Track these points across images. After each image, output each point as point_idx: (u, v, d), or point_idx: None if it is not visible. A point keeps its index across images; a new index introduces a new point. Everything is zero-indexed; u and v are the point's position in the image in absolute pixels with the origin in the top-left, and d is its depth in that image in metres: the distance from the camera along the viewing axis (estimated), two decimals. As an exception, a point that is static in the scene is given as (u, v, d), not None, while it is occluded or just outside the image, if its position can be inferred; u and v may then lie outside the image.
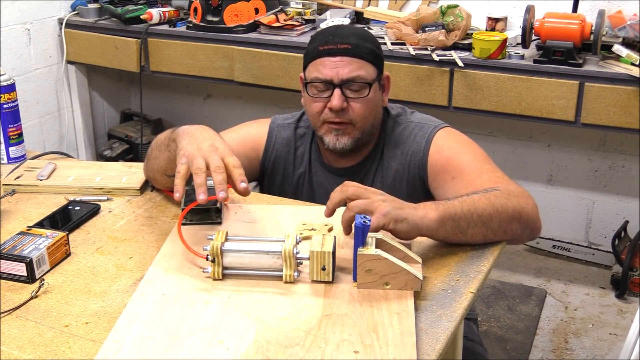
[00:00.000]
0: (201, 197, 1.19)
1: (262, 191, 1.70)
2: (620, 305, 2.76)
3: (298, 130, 1.70)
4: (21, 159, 1.73)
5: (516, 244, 1.42)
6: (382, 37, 2.78)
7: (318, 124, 1.59)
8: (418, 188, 1.58)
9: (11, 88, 1.69)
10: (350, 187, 1.26)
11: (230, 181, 1.23)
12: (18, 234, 1.30)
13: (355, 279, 1.18)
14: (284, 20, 2.95)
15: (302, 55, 1.64)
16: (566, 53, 2.47)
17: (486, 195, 1.33)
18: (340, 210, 1.26)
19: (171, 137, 1.37)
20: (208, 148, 1.25)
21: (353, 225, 1.17)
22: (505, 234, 1.34)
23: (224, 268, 1.19)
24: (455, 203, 1.30)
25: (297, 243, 1.18)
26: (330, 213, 1.27)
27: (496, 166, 1.51)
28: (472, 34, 2.67)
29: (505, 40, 2.59)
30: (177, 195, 1.22)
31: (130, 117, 3.75)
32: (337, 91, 1.53)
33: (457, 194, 1.36)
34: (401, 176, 1.60)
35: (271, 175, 1.70)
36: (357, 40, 1.55)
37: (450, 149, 1.55)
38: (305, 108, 1.63)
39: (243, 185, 1.23)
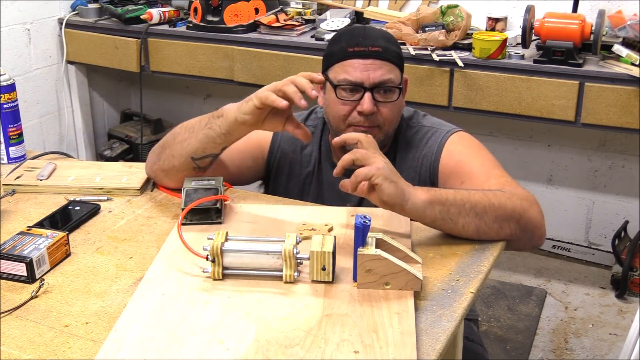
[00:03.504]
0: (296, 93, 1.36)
1: (267, 190, 1.70)
2: (620, 305, 2.76)
3: None
4: (21, 159, 1.73)
5: (516, 248, 1.42)
6: (382, 37, 2.78)
7: (342, 127, 1.55)
8: None
9: (11, 88, 1.69)
10: (361, 151, 1.28)
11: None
12: (18, 234, 1.30)
13: (355, 279, 1.18)
14: (284, 20, 2.94)
15: (302, 55, 1.63)
16: (566, 53, 2.47)
17: (484, 191, 1.35)
18: (339, 211, 1.26)
19: (215, 114, 1.42)
20: (266, 87, 1.38)
21: (353, 225, 1.17)
22: (500, 230, 1.34)
23: (224, 268, 1.19)
24: (450, 191, 1.33)
25: (297, 243, 1.18)
26: (339, 172, 1.29)
27: (505, 172, 1.51)
28: (472, 34, 2.67)
29: (505, 40, 2.59)
30: (284, 102, 1.36)
31: (130, 117, 3.75)
32: (367, 95, 1.51)
33: None
34: (412, 179, 1.59)
35: (277, 174, 1.69)
36: (385, 43, 1.54)
37: (461, 154, 1.55)
38: (328, 109, 1.59)
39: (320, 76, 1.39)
